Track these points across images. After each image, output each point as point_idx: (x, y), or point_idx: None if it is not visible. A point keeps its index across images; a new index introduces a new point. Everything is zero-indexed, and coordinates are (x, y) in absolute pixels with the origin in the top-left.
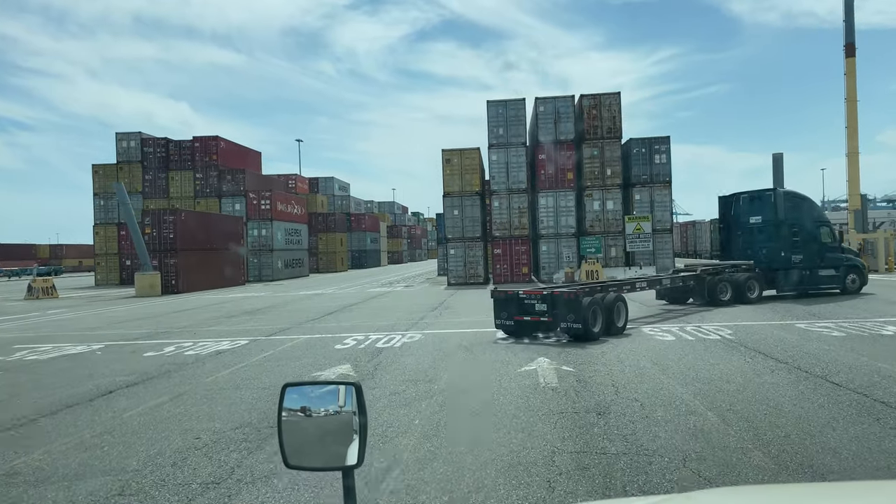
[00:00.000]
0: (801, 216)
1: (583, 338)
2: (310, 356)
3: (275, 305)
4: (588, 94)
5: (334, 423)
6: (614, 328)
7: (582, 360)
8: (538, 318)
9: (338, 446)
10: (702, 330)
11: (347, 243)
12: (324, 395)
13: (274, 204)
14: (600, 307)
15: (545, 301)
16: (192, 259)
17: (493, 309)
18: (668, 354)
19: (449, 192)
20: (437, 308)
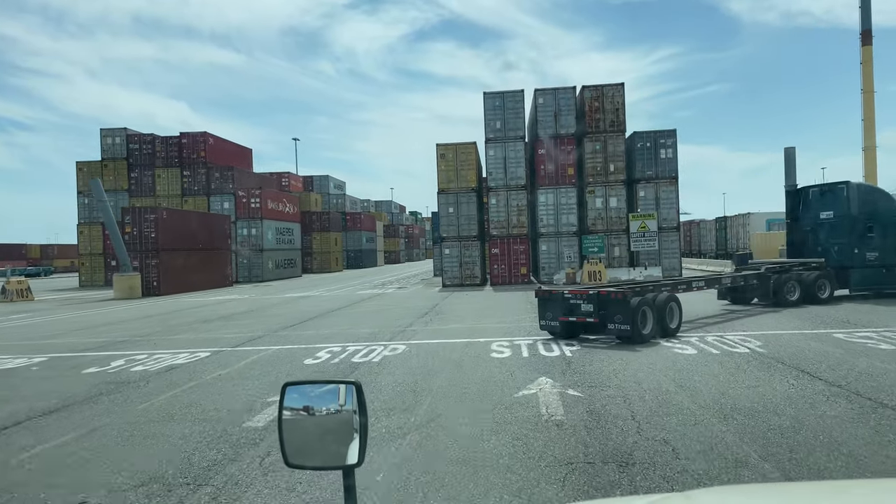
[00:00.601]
0: (876, 210)
1: (632, 340)
2: (272, 374)
3: (256, 309)
4: (590, 86)
5: (335, 422)
6: (667, 330)
7: (591, 381)
8: (584, 318)
9: (338, 445)
10: (725, 341)
11: (343, 243)
12: (324, 394)
13: (264, 202)
14: (651, 308)
15: (591, 301)
16: (175, 260)
17: (538, 309)
18: (693, 374)
19: (444, 189)
20: (427, 313)
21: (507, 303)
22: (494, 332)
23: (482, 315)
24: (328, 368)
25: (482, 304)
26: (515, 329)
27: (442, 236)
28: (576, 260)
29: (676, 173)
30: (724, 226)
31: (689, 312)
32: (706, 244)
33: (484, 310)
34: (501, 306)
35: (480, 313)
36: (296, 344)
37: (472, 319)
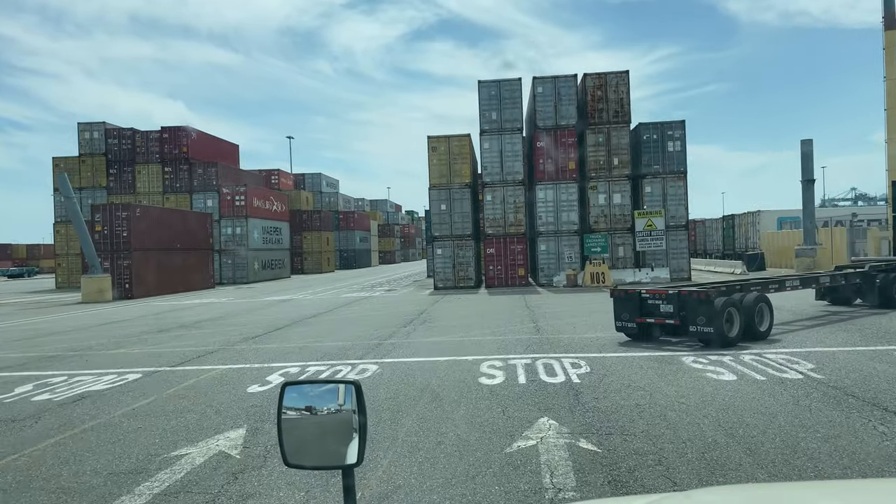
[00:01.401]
0: None
1: (716, 343)
2: (199, 407)
3: (225, 316)
4: (592, 74)
5: (334, 421)
6: (756, 333)
7: (609, 425)
8: (664, 320)
9: (337, 445)
10: (767, 361)
11: (335, 242)
12: (323, 394)
13: (249, 200)
14: (738, 309)
15: (671, 301)
16: (150, 260)
17: (613, 309)
18: (741, 412)
19: (436, 185)
20: (412, 321)
21: (503, 308)
22: (486, 348)
23: (474, 324)
24: (272, 401)
25: (475, 310)
26: (511, 343)
27: (434, 235)
28: (577, 261)
29: (685, 167)
30: (732, 224)
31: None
32: (712, 244)
33: (476, 317)
34: (496, 313)
35: (472, 322)
36: (249, 362)
37: (461, 330)
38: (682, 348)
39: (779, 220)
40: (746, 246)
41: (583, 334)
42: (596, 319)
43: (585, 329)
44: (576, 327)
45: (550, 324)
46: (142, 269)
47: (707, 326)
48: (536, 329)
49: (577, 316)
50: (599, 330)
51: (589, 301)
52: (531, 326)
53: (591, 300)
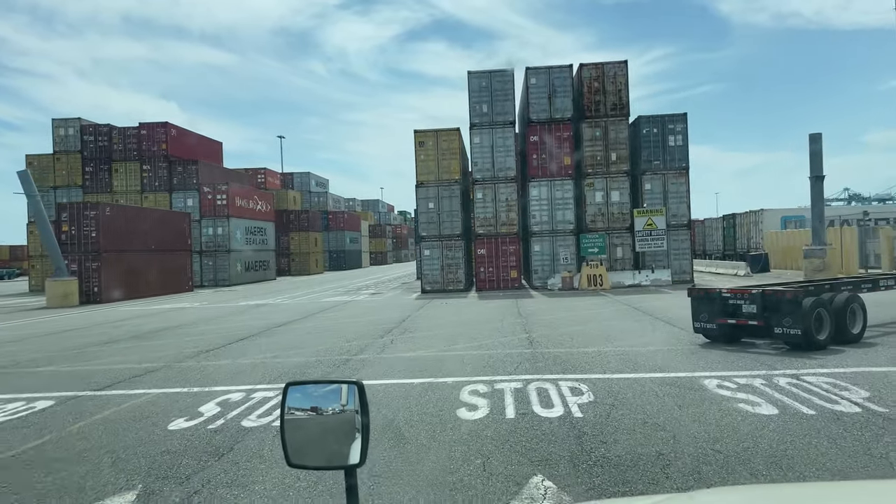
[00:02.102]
0: None
1: (803, 347)
2: (96, 454)
3: (189, 323)
4: (589, 64)
5: (337, 422)
6: (848, 335)
7: (626, 484)
8: (746, 321)
9: (340, 445)
10: (808, 385)
11: (324, 243)
12: (326, 394)
13: (231, 199)
14: (827, 310)
15: (755, 301)
16: (121, 263)
17: (691, 309)
18: (798, 465)
19: (423, 182)
20: (391, 331)
21: (493, 315)
22: (470, 365)
23: (459, 334)
24: (193, 442)
25: (463, 317)
26: (500, 359)
27: (421, 235)
28: (573, 262)
29: (687, 163)
30: (733, 224)
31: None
32: (712, 244)
33: (463, 326)
34: (486, 320)
35: (458, 331)
36: (189, 385)
37: (444, 342)
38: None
39: (782, 220)
40: (748, 246)
41: (582, 348)
42: (595, 329)
43: (584, 341)
44: (573, 339)
45: (545, 334)
46: (112, 272)
47: (794, 328)
48: (529, 341)
49: (575, 324)
50: (600, 343)
51: (586, 306)
52: (523, 338)
53: (588, 305)
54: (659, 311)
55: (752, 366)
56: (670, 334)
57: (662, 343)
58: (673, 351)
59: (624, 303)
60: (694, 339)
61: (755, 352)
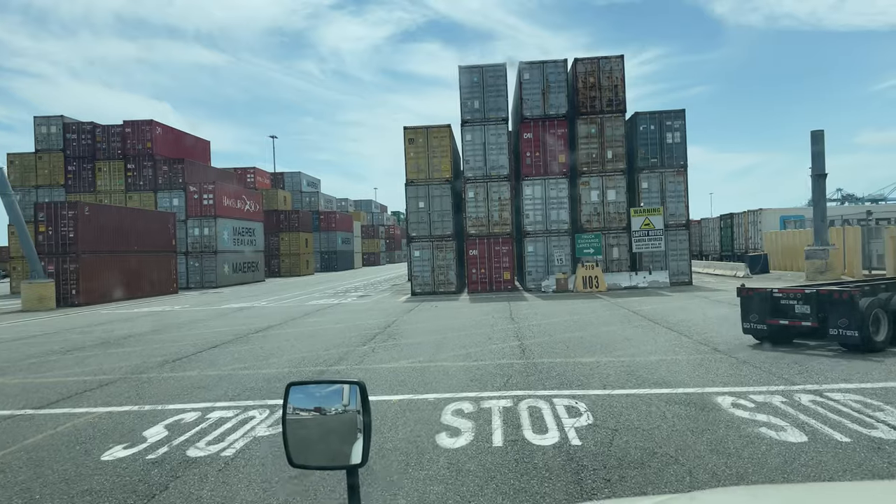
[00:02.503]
0: None
1: (860, 349)
2: (3, 495)
3: (163, 328)
4: (584, 58)
5: (338, 422)
6: None
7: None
8: (799, 322)
9: (342, 445)
10: (835, 405)
11: (315, 244)
12: (328, 394)
13: (219, 199)
14: (885, 310)
15: (808, 302)
16: (100, 264)
17: (741, 309)
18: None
19: (413, 180)
20: (375, 337)
21: (484, 320)
22: (456, 379)
23: (447, 342)
24: (123, 481)
25: (452, 322)
26: (489, 372)
27: (411, 236)
28: (568, 263)
29: (685, 161)
30: (731, 224)
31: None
32: (708, 244)
33: (451, 332)
34: (475, 326)
35: (445, 338)
36: (141, 402)
37: (430, 350)
38: (710, 384)
39: (781, 219)
40: (746, 246)
41: (578, 357)
42: (592, 336)
43: (581, 350)
44: (569, 347)
45: (538, 342)
46: (91, 273)
47: (850, 329)
48: (521, 350)
49: (570, 330)
50: (598, 352)
51: (582, 310)
52: (515, 346)
53: (584, 309)
54: (658, 315)
55: (768, 379)
56: (673, 342)
57: (665, 352)
58: (678, 362)
59: (621, 306)
60: (698, 348)
61: (766, 362)
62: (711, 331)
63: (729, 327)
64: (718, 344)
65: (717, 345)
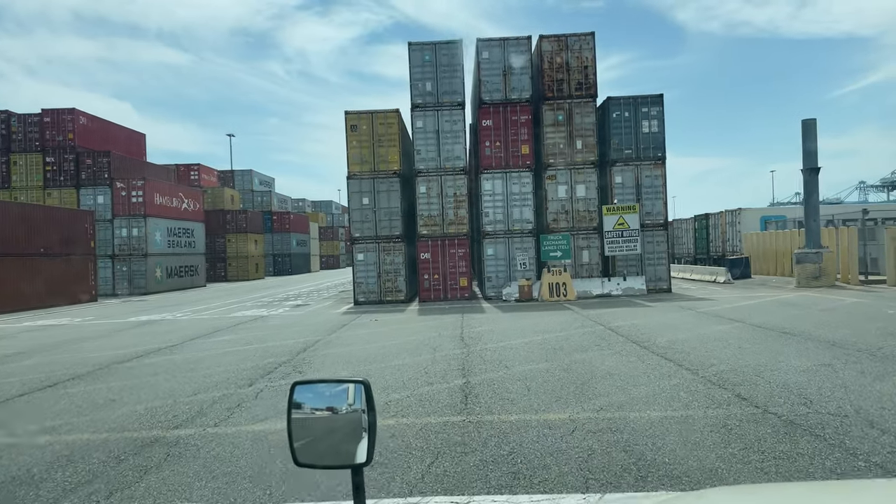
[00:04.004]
0: None
1: None
2: None
3: (16, 355)
4: (550, 35)
5: (344, 420)
6: None
7: None
8: None
9: (347, 444)
10: None
11: (266, 246)
12: (333, 393)
13: (150, 196)
14: None
15: None
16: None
17: None
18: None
19: (355, 173)
20: (272, 372)
21: (429, 340)
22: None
23: (375, 373)
24: None
25: (387, 345)
26: (404, 447)
27: (354, 237)
28: (532, 268)
29: (664, 152)
30: (706, 225)
31: None
32: (681, 247)
33: (380, 362)
34: (416, 350)
35: (368, 373)
36: None
37: None
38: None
39: (762, 220)
40: (724, 249)
41: (544, 412)
42: (562, 368)
43: (548, 395)
44: (531, 389)
45: (490, 380)
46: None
47: None
48: (464, 396)
49: (533, 359)
50: (572, 399)
51: (548, 326)
52: (457, 387)
53: (551, 325)
54: (642, 334)
55: (858, 465)
56: (673, 380)
57: (668, 400)
58: (691, 422)
59: (595, 321)
60: (713, 393)
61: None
62: (718, 360)
63: (736, 354)
64: (739, 386)
65: (738, 387)
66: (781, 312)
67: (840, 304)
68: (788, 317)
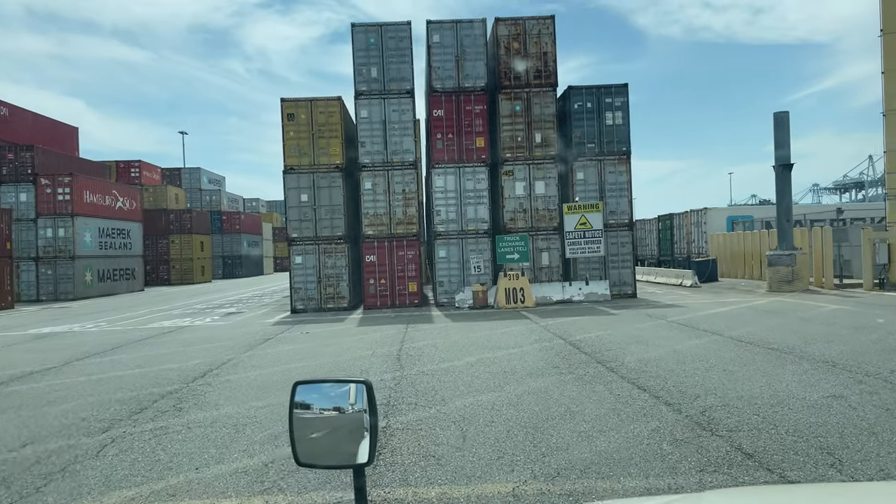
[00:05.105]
0: None
1: None
2: None
3: None
4: (506, 19)
5: (345, 421)
6: None
7: None
8: None
9: (349, 444)
10: None
11: (216, 248)
12: (335, 393)
13: (79, 194)
14: None
15: None
16: None
17: None
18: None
19: (293, 167)
20: (147, 409)
21: (359, 361)
22: None
23: (262, 419)
24: None
25: (310, 366)
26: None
27: (291, 237)
28: (488, 271)
29: (629, 147)
30: (670, 225)
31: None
32: (645, 248)
33: (289, 392)
34: (346, 370)
35: (270, 408)
36: None
37: (210, 450)
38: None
39: (729, 220)
40: (689, 251)
41: (480, 482)
42: (510, 402)
43: (489, 449)
44: (466, 439)
45: (419, 419)
46: None
47: None
48: (378, 448)
49: (477, 388)
50: (521, 459)
51: (502, 341)
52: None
53: (505, 340)
54: (608, 350)
55: None
56: (651, 420)
57: (647, 457)
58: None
59: (555, 333)
60: (706, 444)
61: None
62: (703, 390)
63: (723, 381)
64: (738, 432)
65: (737, 434)
66: (760, 322)
67: (821, 311)
68: (770, 328)
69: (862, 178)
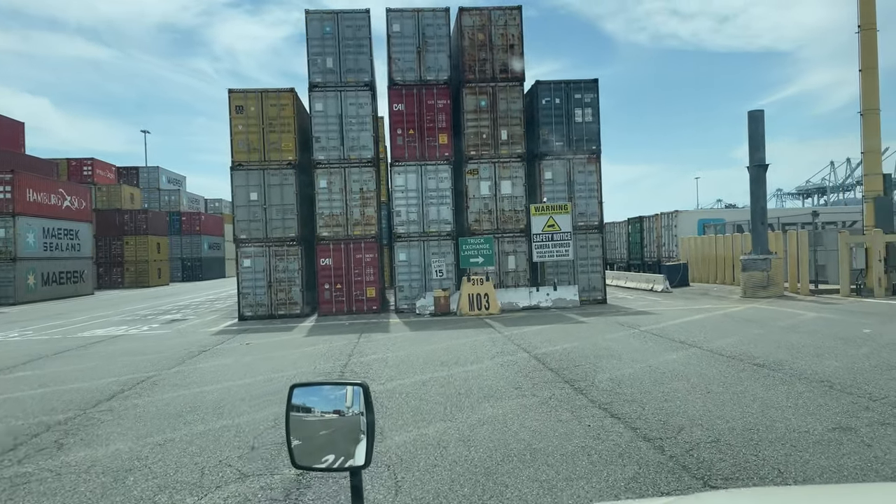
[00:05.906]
0: None
1: None
2: None
3: None
4: (471, 9)
5: (342, 423)
6: None
7: None
8: None
9: (345, 446)
10: None
11: (174, 249)
12: (331, 396)
13: (21, 192)
14: None
15: None
16: None
17: None
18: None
19: (241, 163)
20: (34, 437)
21: (304, 375)
22: None
23: (149, 468)
24: None
25: (243, 382)
26: None
27: (239, 238)
28: (451, 276)
29: (598, 145)
30: (640, 228)
31: None
32: (614, 252)
33: (213, 417)
34: (267, 400)
35: (163, 447)
36: None
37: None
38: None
39: (700, 223)
40: (659, 254)
41: None
42: (461, 433)
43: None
44: (399, 492)
45: None
46: None
47: None
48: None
49: (425, 418)
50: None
51: (460, 354)
52: (281, 485)
53: (462, 352)
54: (577, 365)
55: None
56: (626, 464)
57: None
58: None
59: (519, 345)
60: None
61: None
62: (688, 419)
63: (708, 405)
64: (734, 481)
65: (735, 484)
66: (740, 332)
67: (801, 319)
68: (751, 339)
69: (824, 183)
